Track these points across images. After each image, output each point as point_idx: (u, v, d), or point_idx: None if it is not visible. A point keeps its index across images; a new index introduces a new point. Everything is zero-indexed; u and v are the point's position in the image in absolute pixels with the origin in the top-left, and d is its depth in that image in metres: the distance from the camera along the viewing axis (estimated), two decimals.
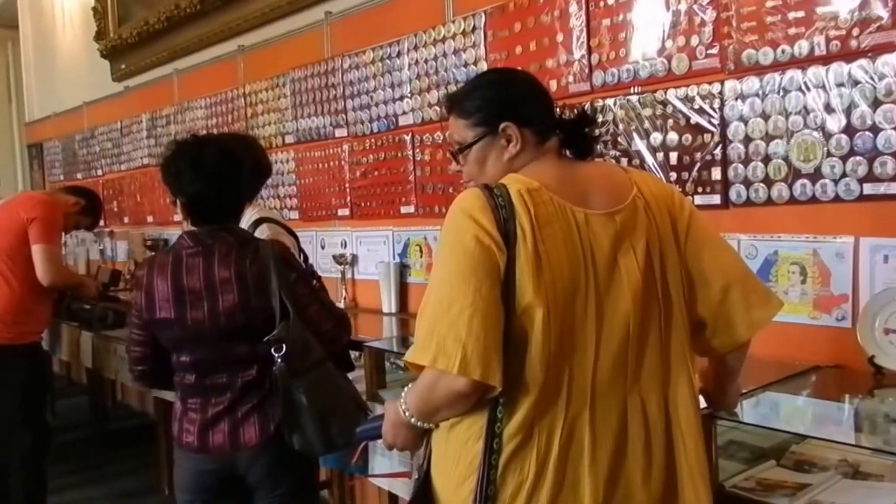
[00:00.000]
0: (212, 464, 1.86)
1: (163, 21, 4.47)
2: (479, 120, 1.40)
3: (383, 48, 3.06)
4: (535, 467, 1.30)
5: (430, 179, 2.91)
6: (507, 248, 1.26)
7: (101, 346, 4.07)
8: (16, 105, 7.90)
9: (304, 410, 1.80)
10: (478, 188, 1.33)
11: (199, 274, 1.82)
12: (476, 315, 1.23)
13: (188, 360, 1.87)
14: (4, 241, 3.01)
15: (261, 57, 3.81)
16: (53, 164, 6.19)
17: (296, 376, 1.79)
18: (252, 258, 1.82)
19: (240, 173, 1.88)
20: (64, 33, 6.04)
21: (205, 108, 4.23)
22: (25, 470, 3.09)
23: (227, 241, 1.84)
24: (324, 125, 3.40)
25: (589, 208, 1.33)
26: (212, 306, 1.81)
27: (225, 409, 1.85)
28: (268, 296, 1.81)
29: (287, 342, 1.78)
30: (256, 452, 1.84)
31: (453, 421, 1.37)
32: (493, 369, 1.24)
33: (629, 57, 2.28)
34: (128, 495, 3.86)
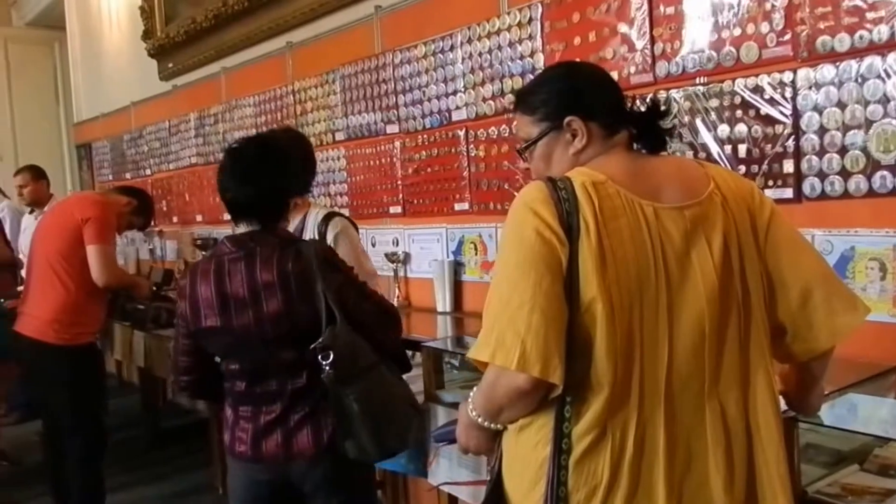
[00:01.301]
0: (266, 473, 1.83)
1: (210, 19, 4.48)
2: (543, 115, 1.37)
3: (435, 42, 3.02)
4: (608, 470, 1.26)
5: (485, 176, 2.86)
6: (569, 242, 1.23)
7: (154, 346, 4.11)
8: (63, 106, 8.03)
9: (356, 417, 1.74)
10: (541, 181, 1.29)
11: (241, 279, 1.76)
12: (536, 310, 1.21)
13: (237, 368, 1.84)
14: (60, 243, 3.03)
15: (309, 53, 3.80)
16: (102, 164, 6.27)
17: (346, 383, 1.73)
18: (294, 260, 1.76)
19: (283, 172, 1.83)
20: (111, 33, 6.11)
21: (253, 106, 4.23)
22: (83, 471, 3.12)
23: (268, 242, 1.78)
24: (375, 121, 3.38)
25: (660, 202, 1.28)
26: (257, 312, 1.76)
27: (277, 417, 1.80)
28: (313, 299, 1.74)
29: (334, 349, 1.72)
30: (311, 462, 1.79)
31: (522, 423, 1.33)
32: (554, 366, 1.21)
33: (694, 46, 2.20)
34: (182, 494, 3.88)
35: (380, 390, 1.77)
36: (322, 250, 1.81)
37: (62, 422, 3.11)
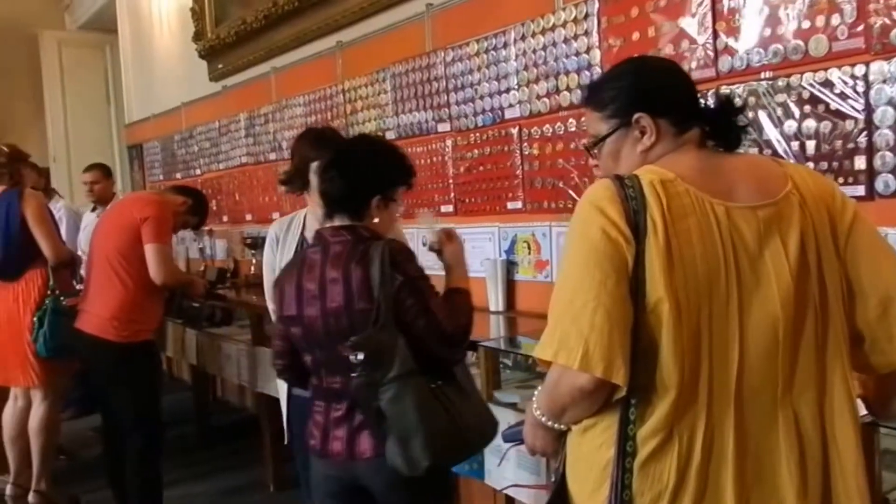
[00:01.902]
0: (333, 470, 1.86)
1: (260, 19, 4.51)
2: (612, 112, 1.35)
3: (488, 39, 2.99)
4: (675, 474, 1.23)
5: (539, 174, 2.83)
6: (636, 241, 1.20)
7: (206, 344, 4.17)
8: (114, 107, 8.19)
9: (387, 425, 1.73)
10: (608, 179, 1.27)
11: (315, 273, 1.82)
12: (600, 309, 1.19)
13: (310, 361, 1.89)
14: (119, 241, 3.08)
15: (359, 52, 3.80)
16: (153, 164, 6.37)
17: (375, 386, 1.72)
18: (359, 259, 1.77)
19: (369, 169, 1.86)
20: (161, 35, 6.21)
21: (303, 106, 4.26)
22: (141, 466, 3.17)
23: (343, 239, 1.82)
24: (425, 120, 3.36)
25: (732, 202, 1.25)
26: (322, 306, 1.80)
27: (343, 415, 1.83)
28: (371, 299, 1.74)
29: (365, 349, 1.71)
30: (373, 465, 1.79)
31: (586, 424, 1.32)
32: (617, 366, 1.19)
33: (759, 40, 2.14)
34: (232, 491, 3.92)
35: (412, 401, 1.71)
36: (392, 251, 1.78)
37: (122, 418, 3.16)
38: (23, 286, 3.54)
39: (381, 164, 1.90)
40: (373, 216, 1.86)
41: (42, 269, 3.56)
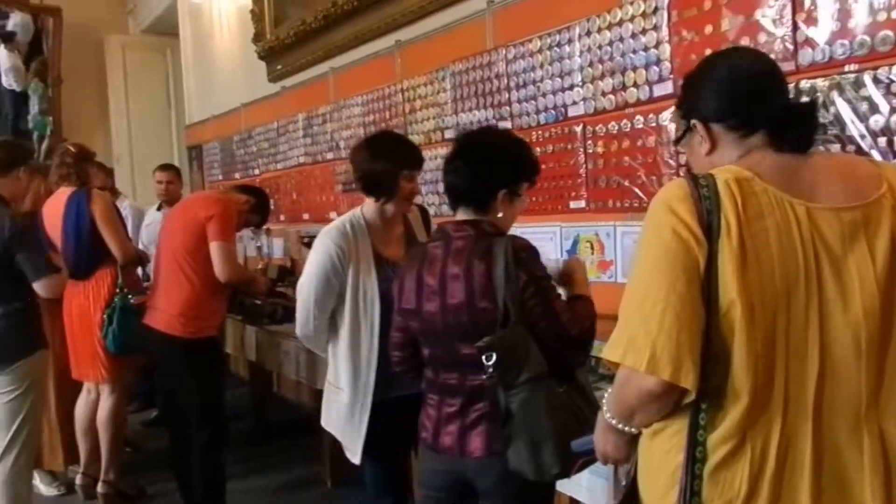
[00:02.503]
0: (442, 464, 1.85)
1: (320, 20, 4.54)
2: (681, 113, 1.37)
3: (551, 36, 2.94)
4: (747, 484, 1.19)
5: (604, 172, 2.77)
6: (708, 242, 1.18)
7: (265, 341, 4.20)
8: (174, 109, 8.36)
9: (515, 427, 1.69)
10: (683, 178, 1.26)
11: (437, 268, 1.80)
12: (669, 311, 1.17)
13: (427, 354, 1.88)
14: (185, 239, 3.13)
15: (418, 51, 3.79)
16: (212, 164, 6.48)
17: (508, 388, 1.68)
18: (481, 256, 1.74)
19: (496, 163, 1.83)
20: (222, 38, 6.31)
21: (361, 106, 4.27)
22: (206, 459, 3.21)
23: (466, 234, 1.80)
24: (486, 118, 3.33)
25: (814, 203, 1.20)
26: (442, 302, 1.78)
27: (456, 411, 1.81)
28: (494, 297, 1.70)
29: (498, 350, 1.67)
30: (482, 464, 1.77)
31: (656, 428, 1.29)
32: (686, 370, 1.16)
33: (843, 31, 2.05)
34: (291, 486, 3.95)
35: (545, 404, 1.68)
36: (516, 248, 1.73)
37: (187, 411, 3.21)
38: (93, 284, 3.63)
39: (509, 156, 1.86)
40: (497, 210, 1.82)
41: (111, 267, 3.64)
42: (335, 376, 2.34)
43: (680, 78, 2.42)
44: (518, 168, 1.87)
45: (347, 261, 2.24)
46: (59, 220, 3.58)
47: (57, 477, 4.04)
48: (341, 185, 4.52)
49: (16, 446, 3.01)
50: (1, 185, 3.06)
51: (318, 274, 2.26)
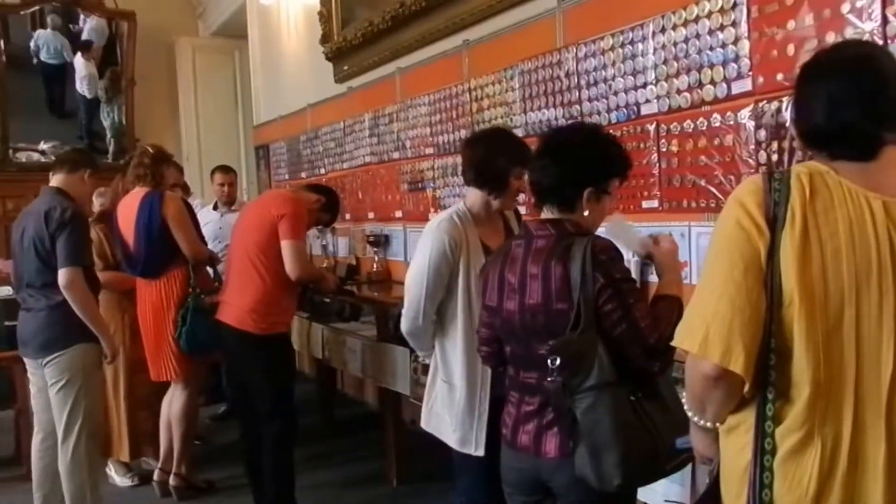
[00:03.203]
0: (519, 462, 1.85)
1: (387, 21, 4.58)
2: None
3: (624, 33, 2.91)
4: (816, 481, 1.18)
5: (678, 172, 2.72)
6: (772, 232, 1.20)
7: (331, 338, 4.27)
8: (241, 110, 8.55)
9: (579, 433, 1.67)
10: (760, 174, 1.30)
11: (517, 266, 1.80)
12: (724, 298, 1.22)
13: (508, 352, 1.89)
14: (258, 237, 3.20)
15: (487, 50, 3.79)
16: (279, 164, 6.59)
17: (572, 393, 1.66)
18: (560, 256, 1.72)
19: (582, 160, 1.81)
20: (289, 39, 6.42)
21: (428, 105, 4.28)
22: (276, 456, 3.28)
23: (547, 233, 1.79)
24: (555, 117, 3.31)
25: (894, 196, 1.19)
26: (521, 301, 1.78)
27: (534, 411, 1.81)
28: (570, 299, 1.69)
29: (562, 354, 1.66)
30: (556, 465, 1.76)
31: (730, 424, 1.31)
32: (735, 354, 1.20)
33: None
34: (356, 482, 4.00)
35: (608, 413, 1.64)
36: (596, 250, 1.70)
37: (259, 406, 3.27)
38: (165, 283, 3.72)
39: (596, 153, 1.84)
40: (584, 208, 1.80)
41: (183, 267, 3.73)
42: (447, 372, 2.33)
43: (760, 75, 2.38)
44: (605, 165, 1.85)
45: (459, 252, 2.25)
46: (132, 219, 3.70)
47: (131, 468, 4.17)
48: (407, 184, 4.55)
49: (71, 437, 3.12)
50: (67, 182, 3.20)
51: (431, 265, 2.26)
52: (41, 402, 3.22)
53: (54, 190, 3.17)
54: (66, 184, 3.20)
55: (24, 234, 3.11)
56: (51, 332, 3.10)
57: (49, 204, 3.08)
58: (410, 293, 2.33)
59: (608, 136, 1.97)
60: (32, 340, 3.14)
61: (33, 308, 3.13)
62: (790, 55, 2.29)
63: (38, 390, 3.22)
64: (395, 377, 3.66)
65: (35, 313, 3.12)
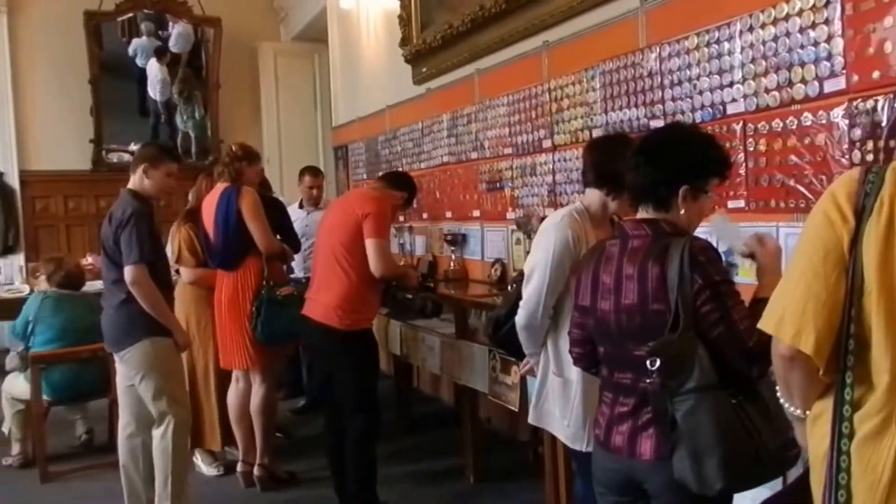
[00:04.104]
0: (612, 463, 1.85)
1: (466, 23, 4.62)
2: None
3: (710, 32, 2.87)
4: (891, 469, 1.19)
5: (766, 171, 2.67)
6: (857, 222, 1.22)
7: (409, 335, 4.33)
8: (321, 111, 8.74)
9: (679, 435, 1.66)
10: (861, 167, 1.34)
11: (612, 266, 1.81)
12: (801, 283, 1.27)
13: (601, 352, 1.89)
14: (343, 236, 3.29)
15: (567, 51, 3.79)
16: (357, 164, 6.73)
17: (672, 395, 1.65)
18: (656, 257, 1.72)
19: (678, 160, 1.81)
20: (368, 43, 6.54)
21: (506, 106, 4.31)
22: (359, 450, 3.36)
23: (643, 233, 1.79)
24: (637, 117, 3.29)
25: None
26: (616, 301, 1.78)
27: (629, 411, 1.80)
28: (667, 301, 1.68)
29: (662, 356, 1.64)
30: (651, 468, 1.75)
31: (815, 413, 1.34)
32: (806, 335, 1.25)
33: None
34: (434, 478, 4.05)
35: (709, 416, 1.62)
36: (694, 250, 1.68)
37: (344, 401, 3.36)
38: (241, 275, 3.85)
39: (692, 151, 1.83)
40: (679, 208, 1.79)
41: (257, 259, 3.85)
42: (560, 367, 2.34)
43: (855, 73, 2.33)
44: (702, 164, 1.82)
45: (580, 247, 2.26)
46: (212, 213, 3.88)
47: (216, 457, 4.32)
48: (485, 183, 4.59)
49: (159, 427, 3.25)
50: (134, 182, 3.28)
51: (554, 258, 2.27)
52: (127, 394, 3.36)
53: (126, 191, 3.29)
54: (133, 184, 3.30)
55: (101, 236, 3.27)
56: (118, 328, 3.23)
57: (116, 206, 3.22)
58: (530, 286, 2.32)
59: (705, 134, 1.96)
60: (107, 335, 3.31)
61: (107, 304, 3.28)
62: (887, 53, 2.23)
63: (121, 380, 3.36)
64: (473, 375, 3.70)
65: (107, 310, 3.27)
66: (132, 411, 3.33)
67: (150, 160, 3.30)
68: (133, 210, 3.13)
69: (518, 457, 4.18)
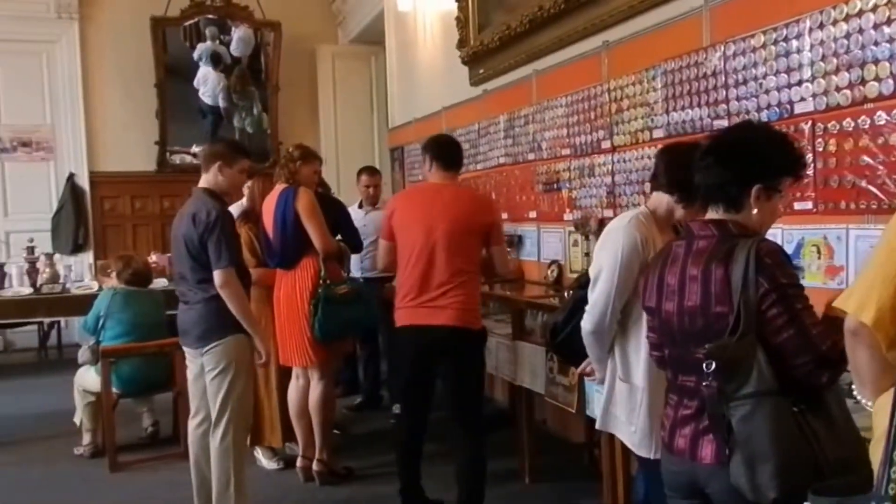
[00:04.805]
0: (676, 465, 1.83)
1: (525, 24, 4.62)
2: None
3: (777, 30, 2.82)
4: None
5: (836, 172, 2.61)
6: None
7: None
8: (377, 113, 8.85)
9: (734, 441, 1.63)
10: None
11: (677, 267, 1.79)
12: (876, 266, 1.38)
13: (665, 354, 1.88)
14: (470, 240, 3.30)
15: (627, 51, 3.76)
16: (413, 165, 6.77)
17: (727, 400, 1.62)
18: (721, 259, 1.69)
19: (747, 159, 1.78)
20: (425, 45, 6.58)
21: (564, 107, 4.30)
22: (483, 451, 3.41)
23: (709, 234, 1.76)
24: (700, 117, 3.25)
25: None
26: (679, 303, 1.77)
27: (691, 414, 1.78)
28: (731, 303, 1.65)
29: (718, 359, 1.61)
30: (712, 472, 1.73)
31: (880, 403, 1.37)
32: (868, 309, 1.36)
33: None
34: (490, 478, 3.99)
35: (765, 422, 1.59)
36: (760, 253, 1.65)
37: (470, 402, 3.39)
38: (299, 274, 3.92)
39: (764, 149, 1.79)
40: (752, 208, 1.75)
41: (314, 259, 3.91)
42: (627, 372, 2.32)
43: None
44: (775, 162, 1.78)
45: (648, 250, 2.25)
46: (271, 213, 3.96)
47: (276, 452, 4.41)
48: (542, 185, 4.58)
49: (221, 424, 3.27)
50: (207, 180, 3.32)
51: (622, 261, 2.25)
52: (197, 389, 3.41)
53: (201, 190, 3.34)
54: (206, 182, 3.34)
55: (178, 234, 3.30)
56: (209, 322, 3.27)
57: (196, 206, 3.25)
58: (599, 290, 2.30)
59: (778, 132, 1.92)
60: (192, 331, 3.33)
61: (191, 301, 3.31)
62: None
63: (195, 377, 3.41)
64: (529, 376, 3.70)
65: (192, 306, 3.31)
66: (206, 406, 3.38)
67: (224, 157, 3.33)
68: (217, 213, 3.20)
69: (573, 458, 4.15)
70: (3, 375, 6.84)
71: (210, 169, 3.33)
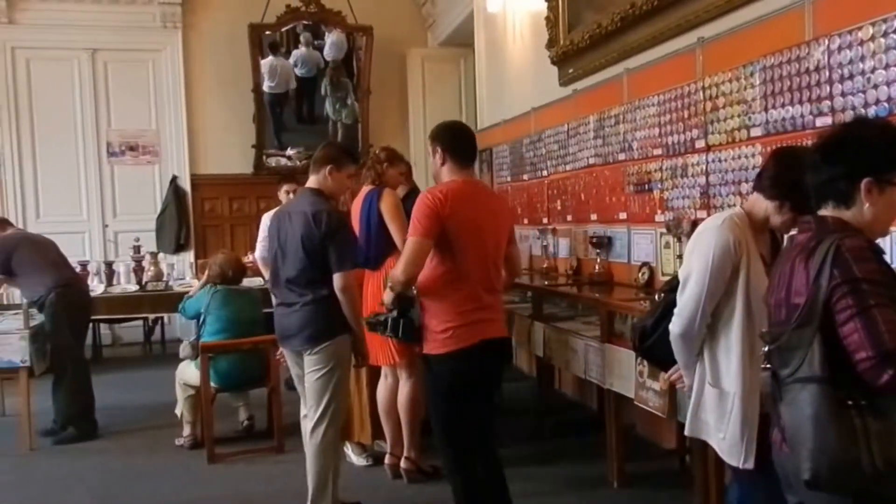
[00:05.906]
0: (774, 457, 1.83)
1: (616, 22, 4.55)
2: None
3: (887, 22, 2.68)
4: None
5: None
6: None
7: (553, 337, 4.32)
8: (465, 115, 8.87)
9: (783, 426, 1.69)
10: None
11: (780, 261, 1.86)
12: None
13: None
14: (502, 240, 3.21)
15: (723, 47, 3.65)
16: (501, 166, 6.77)
17: (780, 385, 1.69)
18: (808, 252, 1.69)
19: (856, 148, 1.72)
20: (514, 45, 6.57)
21: (657, 106, 4.21)
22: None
23: (807, 229, 1.77)
24: (800, 114, 3.12)
25: None
26: (777, 294, 1.80)
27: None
28: (804, 294, 1.67)
29: (773, 343, 1.69)
30: (787, 458, 1.73)
31: None
32: None
33: None
34: (576, 482, 4.00)
35: (808, 407, 1.60)
36: (841, 247, 1.61)
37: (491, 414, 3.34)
38: (383, 274, 3.94)
39: (871, 140, 1.72)
40: (863, 202, 1.69)
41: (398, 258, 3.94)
42: (716, 377, 2.27)
43: None
44: (885, 153, 1.69)
45: (741, 252, 2.20)
46: (358, 214, 4.05)
47: (366, 449, 4.49)
48: (632, 185, 4.50)
49: (324, 421, 3.35)
50: (317, 181, 3.41)
51: (714, 262, 2.20)
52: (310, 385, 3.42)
53: (311, 190, 3.42)
54: (317, 182, 3.43)
55: (290, 233, 3.33)
56: (319, 324, 3.32)
57: (314, 206, 3.30)
58: (689, 292, 2.25)
59: (890, 124, 1.84)
60: (299, 333, 3.35)
61: (296, 303, 3.34)
62: None
63: (300, 379, 3.49)
64: (619, 379, 3.64)
65: (299, 307, 3.33)
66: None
67: (335, 162, 3.42)
68: (339, 216, 3.30)
69: (664, 464, 4.06)
70: (111, 368, 7.23)
71: (320, 171, 3.41)
